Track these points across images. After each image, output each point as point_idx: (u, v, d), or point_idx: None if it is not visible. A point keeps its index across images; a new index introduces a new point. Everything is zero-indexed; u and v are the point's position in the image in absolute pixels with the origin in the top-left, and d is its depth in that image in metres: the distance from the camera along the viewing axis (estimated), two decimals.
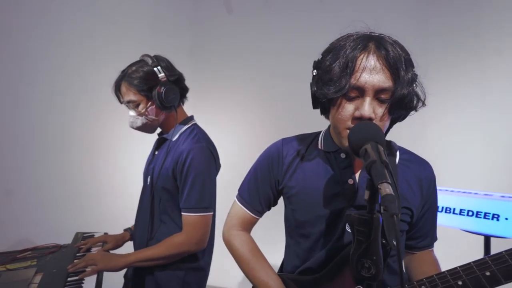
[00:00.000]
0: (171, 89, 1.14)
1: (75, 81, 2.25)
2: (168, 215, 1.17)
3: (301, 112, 2.43)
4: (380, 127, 0.67)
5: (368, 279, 0.59)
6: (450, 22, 2.38)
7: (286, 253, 0.97)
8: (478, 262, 0.65)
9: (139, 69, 1.15)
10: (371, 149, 0.59)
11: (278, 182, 0.90)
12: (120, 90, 1.19)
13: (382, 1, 2.63)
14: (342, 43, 0.74)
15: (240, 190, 0.98)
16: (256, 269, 0.88)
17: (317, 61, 0.79)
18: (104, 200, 2.38)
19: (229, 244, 0.96)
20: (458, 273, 0.66)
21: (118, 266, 1.12)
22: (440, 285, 0.67)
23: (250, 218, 0.95)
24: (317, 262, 0.83)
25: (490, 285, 0.64)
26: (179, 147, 1.14)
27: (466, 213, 1.52)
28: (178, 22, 3.07)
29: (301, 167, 0.87)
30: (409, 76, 0.70)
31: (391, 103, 0.71)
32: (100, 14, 2.44)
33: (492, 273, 0.63)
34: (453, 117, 2.36)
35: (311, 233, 0.84)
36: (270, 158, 0.91)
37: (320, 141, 0.88)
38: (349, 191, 0.80)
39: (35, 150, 2.06)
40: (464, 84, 2.34)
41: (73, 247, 1.32)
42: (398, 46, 0.71)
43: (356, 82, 0.69)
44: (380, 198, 0.51)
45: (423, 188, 0.83)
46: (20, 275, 1.12)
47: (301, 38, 2.79)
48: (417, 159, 0.87)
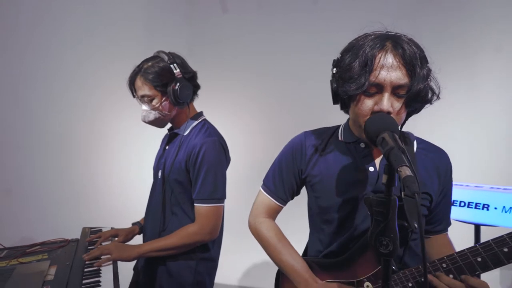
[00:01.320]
0: (186, 86, 1.18)
1: (73, 80, 2.25)
2: (180, 207, 1.21)
3: (297, 110, 2.51)
4: (396, 120, 0.74)
5: (386, 255, 0.65)
6: (438, 20, 2.48)
7: (310, 240, 1.03)
8: (497, 240, 0.71)
9: (155, 64, 1.18)
10: (388, 137, 0.65)
11: (301, 171, 0.96)
12: (134, 84, 1.21)
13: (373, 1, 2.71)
14: (361, 42, 0.79)
15: (265, 180, 1.03)
16: (283, 253, 0.94)
17: (336, 60, 0.84)
18: (105, 197, 2.39)
19: (256, 231, 1.01)
20: (477, 250, 0.72)
21: (132, 256, 1.15)
22: (460, 262, 0.74)
23: (275, 206, 1.01)
24: (340, 246, 0.89)
25: (507, 259, 0.70)
26: (192, 141, 1.18)
27: (459, 204, 1.61)
28: (173, 22, 3.09)
29: (323, 157, 0.93)
30: (424, 72, 0.76)
31: (407, 98, 0.77)
32: (96, 14, 2.44)
33: (510, 249, 0.69)
34: (442, 113, 2.48)
35: (334, 218, 0.90)
36: (294, 149, 0.97)
37: (340, 133, 0.95)
38: (371, 177, 0.86)
39: (36, 151, 2.05)
40: (452, 81, 2.45)
41: (84, 241, 1.34)
42: (413, 44, 0.77)
43: (375, 80, 0.75)
44: (401, 180, 0.57)
45: (440, 175, 0.88)
46: (34, 267, 1.13)
47: (295, 37, 2.86)
48: (434, 148, 0.93)
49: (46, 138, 2.11)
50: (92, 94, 2.34)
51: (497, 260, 0.70)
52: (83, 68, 2.28)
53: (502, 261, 0.70)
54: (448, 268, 0.74)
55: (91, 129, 2.39)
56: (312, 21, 2.84)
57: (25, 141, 1.99)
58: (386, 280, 0.65)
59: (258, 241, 1.02)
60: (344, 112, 0.90)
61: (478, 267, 0.72)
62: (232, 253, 1.34)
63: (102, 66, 2.42)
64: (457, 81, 2.43)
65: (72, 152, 2.25)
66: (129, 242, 1.39)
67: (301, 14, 2.89)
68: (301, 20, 2.87)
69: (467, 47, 2.36)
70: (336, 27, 2.71)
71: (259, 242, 1.01)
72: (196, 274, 1.21)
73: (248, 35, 3.01)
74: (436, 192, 0.88)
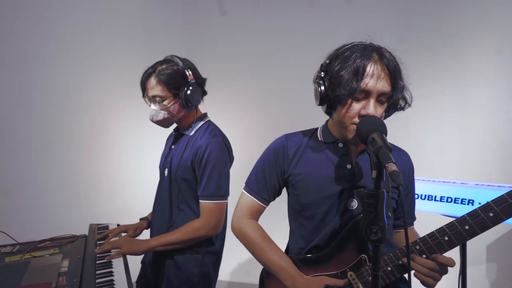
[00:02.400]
0: (197, 91, 1.25)
1: (74, 80, 2.30)
2: (186, 203, 1.28)
3: (293, 109, 2.59)
4: (382, 121, 0.82)
5: (375, 241, 0.73)
6: (429, 21, 2.59)
7: (291, 239, 1.08)
8: (459, 219, 0.81)
9: (169, 67, 1.24)
10: (378, 137, 0.74)
11: (284, 171, 1.02)
12: (146, 84, 1.27)
13: (366, 5, 2.80)
14: (348, 52, 0.87)
15: (247, 182, 1.08)
16: (269, 252, 0.98)
17: (324, 65, 0.92)
18: (109, 196, 2.45)
19: (241, 232, 1.04)
20: (444, 230, 0.83)
21: (140, 250, 1.22)
22: (431, 242, 0.83)
23: (258, 207, 1.05)
24: (323, 239, 0.96)
25: (470, 236, 0.81)
26: (197, 141, 1.26)
27: (446, 200, 1.72)
28: (172, 24, 3.16)
29: (304, 157, 1.00)
30: (402, 83, 0.86)
31: (388, 105, 0.86)
32: (96, 15, 2.50)
33: (470, 226, 0.80)
34: (432, 114, 2.59)
35: (315, 214, 0.97)
36: (276, 151, 1.04)
37: (319, 134, 1.03)
38: (348, 174, 0.95)
39: (40, 151, 2.11)
40: (442, 82, 2.57)
41: (92, 236, 1.40)
42: (393, 57, 0.87)
43: (365, 87, 0.83)
44: (388, 174, 0.66)
45: (405, 174, 0.99)
46: (47, 260, 1.20)
47: (291, 38, 2.96)
48: (398, 149, 1.04)
49: (50, 139, 2.16)
50: (94, 93, 2.41)
51: (460, 237, 0.81)
52: (83, 67, 2.34)
53: (465, 238, 0.81)
54: (421, 249, 0.84)
55: (92, 129, 2.45)
56: (307, 22, 2.93)
57: (28, 142, 2.04)
58: (376, 263, 0.74)
59: (242, 242, 1.05)
60: (326, 114, 0.98)
61: (446, 245, 0.82)
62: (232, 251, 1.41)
63: (104, 65, 2.49)
64: (447, 80, 2.55)
65: (76, 152, 2.31)
66: (138, 237, 1.46)
67: (297, 15, 2.98)
68: (297, 21, 2.96)
69: (457, 46, 2.47)
70: (331, 28, 2.82)
71: (243, 243, 1.04)
72: (202, 267, 1.28)
73: (245, 37, 3.10)
74: (402, 188, 0.97)
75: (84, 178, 2.37)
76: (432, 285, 0.84)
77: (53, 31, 2.18)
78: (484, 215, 0.79)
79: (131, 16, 2.83)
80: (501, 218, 0.78)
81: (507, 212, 0.78)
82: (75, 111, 2.31)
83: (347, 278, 0.91)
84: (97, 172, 2.49)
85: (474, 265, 2.34)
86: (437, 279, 0.83)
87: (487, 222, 0.79)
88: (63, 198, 2.19)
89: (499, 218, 0.78)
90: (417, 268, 0.83)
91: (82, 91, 2.36)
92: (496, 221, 0.79)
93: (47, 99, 2.17)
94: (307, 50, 2.80)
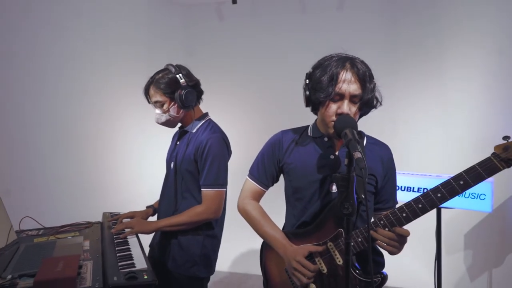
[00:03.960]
0: (190, 92, 1.43)
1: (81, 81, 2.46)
2: (189, 192, 1.46)
3: (288, 108, 2.77)
4: (354, 119, 1.01)
5: (347, 215, 0.91)
6: (413, 25, 2.80)
7: (286, 216, 1.29)
8: (414, 199, 1.01)
9: (164, 76, 1.44)
10: (349, 132, 0.93)
11: (279, 161, 1.23)
12: (148, 93, 1.47)
13: (357, 9, 2.99)
14: (327, 62, 1.07)
15: (250, 170, 1.29)
16: (266, 226, 1.20)
17: (309, 74, 1.12)
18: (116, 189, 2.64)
19: (244, 210, 1.26)
20: (403, 208, 1.02)
21: (150, 229, 1.41)
22: (392, 218, 1.02)
23: (259, 191, 1.27)
24: (310, 216, 1.16)
25: (422, 212, 1.00)
26: (199, 137, 1.44)
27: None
28: (173, 29, 3.34)
29: (297, 149, 1.20)
30: (371, 86, 1.05)
31: (360, 104, 1.05)
32: (104, 20, 2.67)
33: (423, 204, 1.00)
34: (415, 113, 2.79)
35: (304, 196, 1.17)
36: (273, 144, 1.25)
37: (310, 130, 1.23)
38: (332, 163, 1.14)
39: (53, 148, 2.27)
40: (423, 81, 2.77)
41: (107, 221, 1.58)
42: (364, 65, 1.06)
43: (339, 90, 1.03)
44: (354, 160, 0.84)
45: (384, 163, 1.17)
46: (71, 241, 1.38)
47: (285, 41, 3.16)
48: (379, 142, 1.22)
49: (63, 137, 2.33)
50: (110, 97, 2.59)
51: (415, 213, 1.00)
52: (90, 67, 2.50)
53: (418, 214, 1.00)
54: (384, 223, 1.03)
55: (99, 129, 2.63)
56: (301, 26, 3.13)
57: (43, 139, 2.20)
58: (348, 232, 0.92)
59: (245, 218, 1.26)
60: (313, 113, 1.18)
61: (404, 220, 1.01)
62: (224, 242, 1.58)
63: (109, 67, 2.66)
64: (427, 81, 2.75)
65: (86, 150, 2.49)
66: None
67: (291, 20, 3.17)
68: (291, 25, 3.17)
69: (436, 50, 2.67)
70: (322, 33, 3.02)
71: (246, 219, 1.26)
72: (203, 248, 1.46)
73: (241, 40, 3.29)
74: (381, 175, 1.16)
75: (93, 174, 2.54)
76: (393, 252, 1.03)
77: (60, 31, 2.28)
78: (424, 200, 1.00)
79: (136, 21, 3.01)
80: (435, 204, 0.99)
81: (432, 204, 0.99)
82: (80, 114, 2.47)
83: (327, 247, 1.10)
84: (106, 168, 2.66)
85: (453, 253, 2.54)
86: (397, 247, 1.02)
87: (425, 206, 1.00)
88: (76, 190, 2.37)
89: (433, 205, 0.99)
90: (380, 239, 1.02)
91: (100, 93, 2.54)
92: (431, 206, 0.99)
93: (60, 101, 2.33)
94: (301, 52, 3.01)
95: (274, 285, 1.21)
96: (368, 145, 1.18)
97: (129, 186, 2.82)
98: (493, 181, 1.78)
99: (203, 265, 1.46)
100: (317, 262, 1.09)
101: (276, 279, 1.20)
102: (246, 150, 1.79)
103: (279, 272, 1.18)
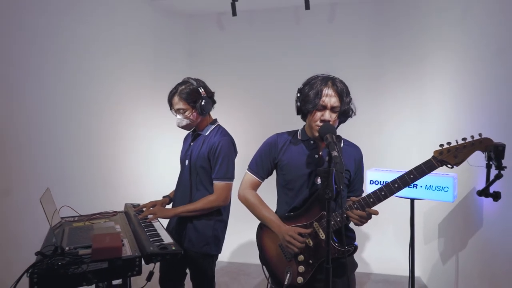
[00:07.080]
0: (208, 102, 1.74)
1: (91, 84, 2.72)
2: (202, 185, 1.77)
3: (282, 113, 3.09)
4: (334, 126, 1.33)
5: (328, 199, 1.21)
6: (397, 42, 3.13)
7: (278, 204, 1.59)
8: (380, 188, 1.31)
9: (187, 87, 1.74)
10: (330, 136, 1.24)
11: (275, 158, 1.53)
12: (172, 101, 1.76)
13: (345, 22, 3.33)
14: (313, 81, 1.39)
15: (250, 165, 1.58)
16: (263, 210, 1.50)
17: (299, 89, 1.43)
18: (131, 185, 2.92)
19: (244, 197, 1.55)
20: (370, 195, 1.32)
21: (170, 214, 1.72)
22: (362, 202, 1.32)
23: (256, 182, 1.57)
24: (299, 202, 1.47)
25: (384, 197, 1.30)
26: (212, 139, 1.75)
27: None
28: (176, 37, 3.62)
29: (289, 149, 1.51)
30: (348, 99, 1.37)
31: (338, 113, 1.36)
32: (113, 30, 2.94)
33: (385, 192, 1.30)
34: (395, 116, 3.12)
35: (294, 186, 1.48)
36: (270, 144, 1.55)
37: (299, 134, 1.54)
38: (316, 161, 1.45)
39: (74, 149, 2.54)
40: (404, 84, 3.10)
41: (131, 210, 1.87)
42: (342, 84, 1.38)
43: (323, 103, 1.34)
44: (332, 157, 1.15)
45: (356, 161, 1.49)
46: (104, 225, 1.67)
47: (280, 51, 3.48)
48: (353, 145, 1.54)
49: (84, 138, 2.60)
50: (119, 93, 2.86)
51: (379, 199, 1.31)
52: (100, 70, 2.76)
53: (381, 199, 1.31)
54: (356, 206, 1.34)
55: (95, 129, 2.90)
56: (295, 38, 3.45)
57: (64, 141, 2.47)
58: (328, 213, 1.23)
59: (245, 204, 1.54)
60: (302, 120, 1.49)
61: (371, 204, 1.32)
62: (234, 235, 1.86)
63: (116, 71, 2.92)
64: (408, 85, 3.08)
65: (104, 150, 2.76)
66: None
67: (286, 31, 3.49)
68: (286, 36, 3.49)
69: (415, 57, 3.00)
70: (315, 42, 3.34)
71: (246, 205, 1.53)
72: (213, 230, 1.77)
73: (240, 49, 3.60)
74: (353, 170, 1.48)
75: (110, 172, 2.82)
76: (359, 225, 1.34)
77: (71, 36, 2.52)
78: (386, 189, 1.31)
79: (143, 29, 3.28)
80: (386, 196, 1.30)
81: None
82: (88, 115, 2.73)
83: (313, 228, 1.40)
84: (122, 167, 2.94)
85: (430, 241, 2.87)
86: (364, 222, 1.33)
87: (386, 193, 1.31)
88: (98, 185, 2.64)
89: (391, 192, 1.29)
90: (354, 217, 1.32)
91: (120, 95, 2.81)
92: (390, 193, 1.30)
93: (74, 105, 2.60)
94: (295, 60, 3.34)
95: (270, 257, 1.50)
96: (344, 147, 1.50)
97: (139, 182, 3.11)
98: (455, 176, 2.10)
99: (214, 244, 1.76)
100: (305, 237, 1.40)
101: (271, 252, 1.50)
102: (246, 149, 2.09)
103: (274, 247, 1.48)
